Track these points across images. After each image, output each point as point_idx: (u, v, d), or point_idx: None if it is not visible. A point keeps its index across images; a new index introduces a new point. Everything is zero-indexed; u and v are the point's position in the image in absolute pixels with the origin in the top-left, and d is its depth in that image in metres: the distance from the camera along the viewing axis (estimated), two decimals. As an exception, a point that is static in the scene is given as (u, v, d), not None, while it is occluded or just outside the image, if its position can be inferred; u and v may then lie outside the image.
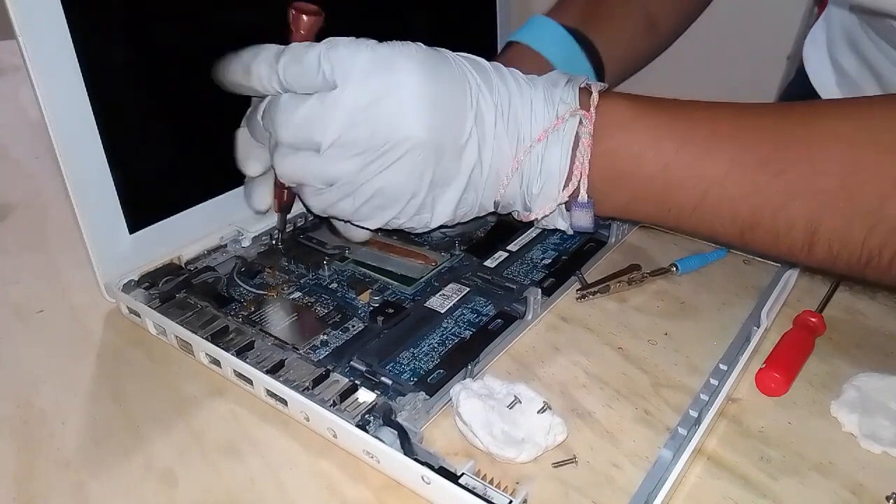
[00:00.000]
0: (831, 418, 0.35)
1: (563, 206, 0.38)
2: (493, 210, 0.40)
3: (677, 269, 0.45)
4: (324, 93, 0.35)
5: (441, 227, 0.39)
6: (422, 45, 0.37)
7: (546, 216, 0.39)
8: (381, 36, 0.36)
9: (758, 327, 0.39)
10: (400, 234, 0.48)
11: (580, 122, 0.36)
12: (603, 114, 0.37)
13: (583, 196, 0.37)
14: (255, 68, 0.36)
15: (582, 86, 0.38)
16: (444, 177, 0.36)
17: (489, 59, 0.39)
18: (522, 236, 0.48)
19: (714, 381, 0.36)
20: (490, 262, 0.45)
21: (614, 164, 0.37)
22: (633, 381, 0.38)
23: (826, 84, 0.64)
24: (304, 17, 0.38)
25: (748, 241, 0.37)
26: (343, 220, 0.41)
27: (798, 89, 0.68)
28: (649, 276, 0.45)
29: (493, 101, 0.36)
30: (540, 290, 0.41)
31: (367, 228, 0.40)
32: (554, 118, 0.37)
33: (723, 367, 0.37)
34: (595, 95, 0.37)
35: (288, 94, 0.36)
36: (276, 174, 0.39)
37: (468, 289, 0.42)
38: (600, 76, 0.55)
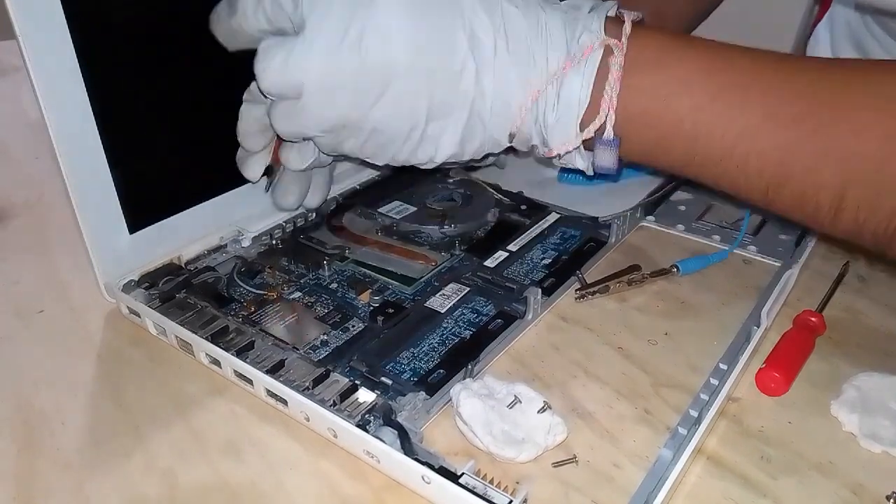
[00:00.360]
0: (831, 418, 0.35)
1: (583, 145, 0.36)
2: (508, 144, 0.38)
3: (678, 270, 0.45)
4: (302, 32, 0.34)
5: (454, 162, 0.38)
6: None
7: (568, 153, 0.37)
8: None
9: (758, 327, 0.39)
10: (400, 234, 0.48)
11: (611, 53, 0.34)
12: (635, 47, 0.34)
13: (609, 132, 0.35)
14: (240, 5, 0.36)
15: (611, 14, 0.36)
16: (441, 106, 0.35)
17: None
18: (522, 236, 0.48)
19: (714, 381, 0.36)
20: (490, 262, 0.45)
21: (643, 101, 0.35)
22: (633, 380, 0.38)
23: None
24: None
25: (772, 201, 0.35)
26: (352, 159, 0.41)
27: None
28: (650, 277, 0.45)
29: (491, 25, 0.34)
30: (540, 290, 0.41)
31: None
32: (576, 45, 0.35)
33: (723, 366, 0.37)
34: (627, 25, 0.35)
35: (270, 39, 0.35)
36: (276, 134, 0.38)
37: (468, 289, 0.42)
38: None
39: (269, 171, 0.44)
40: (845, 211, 0.33)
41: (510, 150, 0.39)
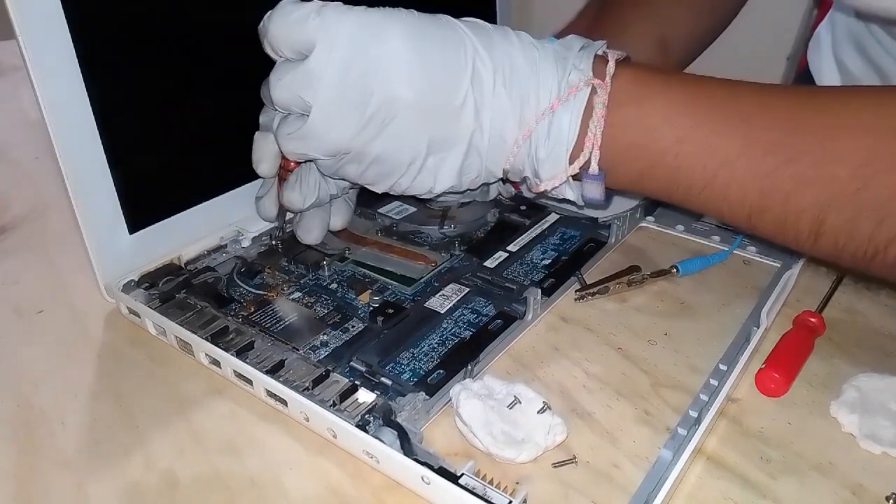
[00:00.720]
0: (831, 418, 0.35)
1: (571, 177, 0.37)
2: (502, 177, 0.39)
3: (678, 271, 0.45)
4: (313, 55, 0.35)
5: (451, 192, 0.39)
6: (414, 11, 0.36)
7: (556, 188, 0.38)
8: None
9: (758, 327, 0.39)
10: (400, 234, 0.48)
11: (595, 92, 0.36)
12: (619, 84, 0.36)
13: (594, 168, 0.36)
14: (262, 27, 0.36)
15: (599, 53, 0.37)
16: (442, 141, 0.36)
17: None
18: (522, 236, 0.48)
19: (714, 382, 0.36)
20: (490, 263, 0.45)
21: (627, 135, 0.36)
22: (633, 381, 0.38)
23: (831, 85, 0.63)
24: None
25: (755, 226, 0.36)
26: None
27: None
28: (649, 278, 0.45)
29: (492, 63, 0.36)
30: (540, 291, 0.41)
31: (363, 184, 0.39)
32: (565, 84, 0.36)
33: (723, 367, 0.37)
34: (612, 64, 0.36)
35: (283, 60, 0.36)
36: (281, 154, 0.39)
37: (468, 289, 0.42)
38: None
39: (282, 210, 0.44)
40: (825, 235, 0.34)
41: (503, 180, 0.40)
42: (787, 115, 0.35)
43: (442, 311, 0.40)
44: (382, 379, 0.35)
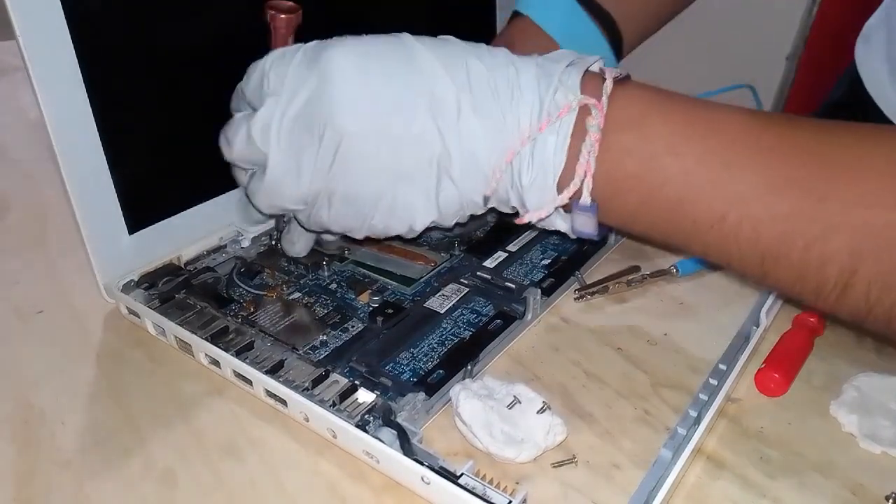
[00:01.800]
0: (831, 418, 0.35)
1: (562, 207, 0.34)
2: (486, 206, 0.36)
3: (678, 271, 0.45)
4: (261, 108, 0.34)
5: (438, 227, 0.37)
6: (365, 36, 0.35)
7: (541, 219, 0.35)
8: (376, 29, 0.36)
9: (757, 327, 0.39)
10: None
11: (588, 113, 0.32)
12: (616, 106, 0.32)
13: (585, 198, 0.33)
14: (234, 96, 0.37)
15: (594, 69, 0.34)
16: (405, 170, 0.34)
17: (488, 40, 0.36)
18: (522, 236, 0.48)
19: (713, 381, 0.36)
20: (489, 263, 0.45)
21: (625, 163, 0.32)
22: (633, 381, 0.38)
23: (882, 89, 0.56)
24: (282, 15, 0.39)
25: (767, 273, 0.32)
26: (325, 233, 0.41)
27: (846, 97, 0.59)
28: (649, 278, 0.45)
29: (454, 85, 0.33)
30: (539, 291, 0.41)
31: (332, 234, 0.39)
32: (552, 103, 0.32)
33: (722, 367, 0.37)
34: (609, 83, 0.32)
35: (243, 113, 0.36)
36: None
37: (468, 289, 0.42)
38: (618, 53, 0.49)
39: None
40: (855, 287, 0.30)
41: (498, 212, 0.37)
42: (809, 147, 0.31)
43: (442, 311, 0.40)
44: (382, 379, 0.35)
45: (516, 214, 0.37)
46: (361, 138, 0.33)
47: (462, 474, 0.30)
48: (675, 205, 0.32)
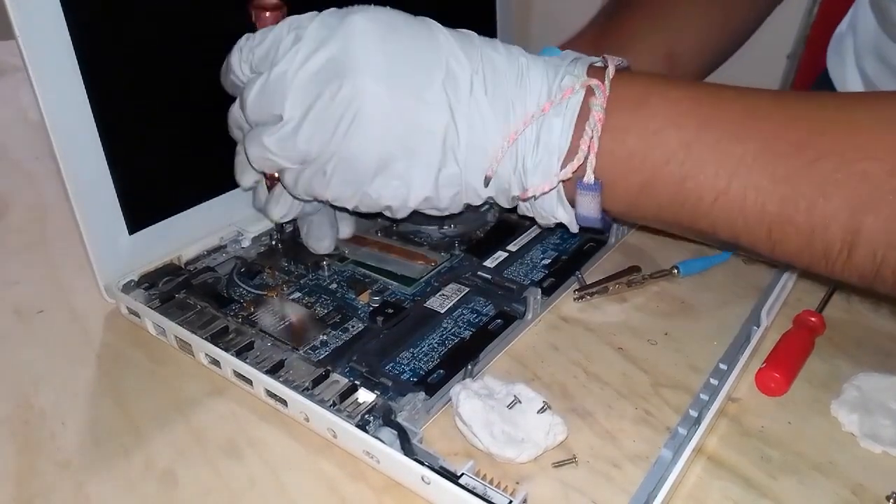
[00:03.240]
0: (831, 418, 0.35)
1: (565, 194, 0.35)
2: (486, 191, 0.36)
3: (679, 271, 0.45)
4: (278, 65, 0.35)
5: (431, 218, 0.37)
6: (388, 7, 0.35)
7: (544, 193, 0.35)
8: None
9: (758, 327, 0.39)
10: (400, 234, 0.48)
11: (593, 94, 0.33)
12: (618, 87, 0.34)
13: (589, 176, 0.33)
14: (230, 57, 0.37)
15: (597, 64, 0.35)
16: (411, 139, 0.34)
17: None
18: (522, 236, 0.48)
19: (714, 381, 0.36)
20: (490, 262, 0.45)
21: (627, 142, 0.33)
22: (633, 381, 0.38)
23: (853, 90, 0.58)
24: (267, 13, 0.39)
25: (776, 242, 0.32)
26: (317, 218, 0.41)
27: None
28: (650, 278, 0.45)
29: (469, 65, 0.34)
30: (540, 290, 0.41)
31: (345, 210, 0.39)
32: (557, 88, 0.34)
33: (723, 366, 0.37)
34: (611, 69, 0.34)
35: (254, 75, 0.36)
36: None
37: (468, 289, 0.42)
38: None
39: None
40: (860, 246, 0.30)
41: (498, 211, 0.38)
42: (806, 113, 0.32)
43: (442, 311, 0.40)
44: (382, 379, 0.35)
45: (513, 210, 0.38)
46: (375, 99, 0.34)
47: (462, 474, 0.30)
48: (679, 181, 0.33)
